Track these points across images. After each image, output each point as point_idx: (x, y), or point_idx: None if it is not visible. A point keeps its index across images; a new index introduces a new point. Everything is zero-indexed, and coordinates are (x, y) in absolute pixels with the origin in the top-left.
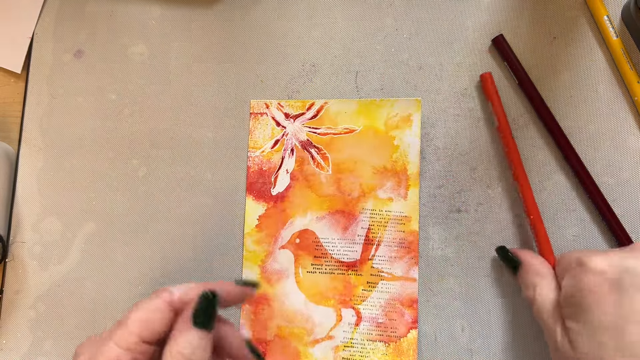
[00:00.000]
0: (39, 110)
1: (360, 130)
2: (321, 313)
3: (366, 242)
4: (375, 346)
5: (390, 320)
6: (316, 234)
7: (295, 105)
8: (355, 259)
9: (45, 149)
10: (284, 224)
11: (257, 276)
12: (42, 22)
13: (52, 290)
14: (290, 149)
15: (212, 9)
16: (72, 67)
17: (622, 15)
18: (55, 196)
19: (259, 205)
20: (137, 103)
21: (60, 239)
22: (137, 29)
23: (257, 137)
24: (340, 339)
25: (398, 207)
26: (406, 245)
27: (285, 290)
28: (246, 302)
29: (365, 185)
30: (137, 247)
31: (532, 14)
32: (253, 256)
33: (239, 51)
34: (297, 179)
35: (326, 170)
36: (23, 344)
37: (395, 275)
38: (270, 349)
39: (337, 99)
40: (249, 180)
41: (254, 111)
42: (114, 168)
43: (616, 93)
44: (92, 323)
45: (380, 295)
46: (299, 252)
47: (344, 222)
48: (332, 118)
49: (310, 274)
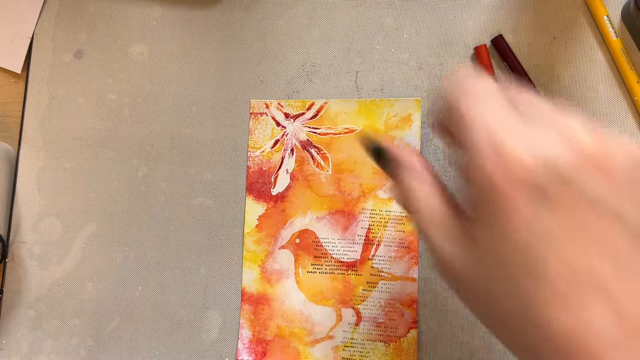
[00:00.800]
0: (39, 110)
1: (360, 130)
2: (321, 313)
3: (366, 242)
4: (375, 346)
5: (390, 320)
6: (316, 234)
7: (295, 105)
8: (355, 259)
9: (45, 149)
10: (284, 224)
11: (257, 276)
12: (42, 23)
13: (52, 290)
14: (290, 149)
15: (212, 9)
16: (72, 67)
17: (622, 15)
18: (55, 196)
19: (258, 205)
20: (137, 103)
21: (60, 239)
22: (137, 29)
23: (257, 137)
24: (340, 339)
25: (398, 207)
26: (406, 245)
27: (285, 290)
28: (245, 303)
29: (365, 185)
30: (137, 247)
31: (532, 14)
32: (253, 256)
33: (239, 51)
34: (297, 179)
35: (326, 170)
36: (23, 344)
37: (395, 275)
38: (270, 349)
39: (337, 99)
40: (249, 180)
41: (254, 111)
42: (114, 168)
43: (616, 93)
44: (92, 323)
45: (380, 295)
46: (299, 252)
47: (344, 222)
48: (332, 118)
49: (310, 274)
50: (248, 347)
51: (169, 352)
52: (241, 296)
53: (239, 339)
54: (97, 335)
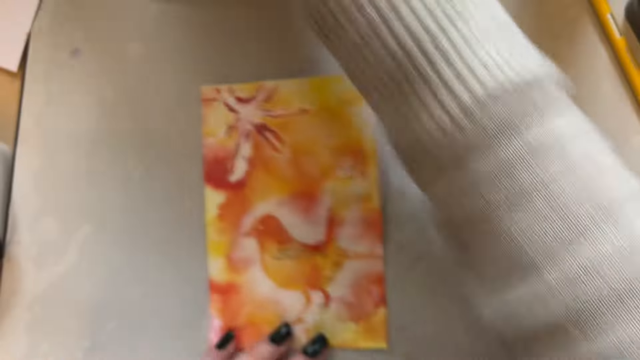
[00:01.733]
0: (36, 109)
1: (315, 110)
2: (290, 297)
3: (329, 223)
4: (345, 325)
5: (358, 298)
6: (279, 219)
7: (247, 89)
8: (319, 241)
9: (42, 148)
10: (246, 212)
11: (223, 265)
12: (39, 20)
13: (49, 291)
14: (245, 134)
15: (210, 7)
16: (69, 65)
17: (625, 13)
18: (51, 196)
19: (218, 193)
20: (134, 102)
21: (56, 240)
22: (134, 28)
23: (210, 123)
24: (310, 322)
25: (358, 185)
26: (369, 223)
27: (253, 277)
28: (214, 292)
29: (324, 165)
30: (134, 247)
31: (533, 13)
32: (217, 246)
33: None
34: (255, 164)
35: (283, 153)
36: (19, 346)
37: (361, 254)
38: (242, 336)
39: (288, 79)
40: (206, 168)
41: (205, 97)
42: (110, 167)
43: (620, 92)
44: (89, 325)
45: (347, 274)
46: (264, 238)
47: (306, 205)
48: (286, 99)
49: (276, 260)
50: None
51: (167, 353)
52: (210, 286)
53: (211, 328)
54: (94, 337)
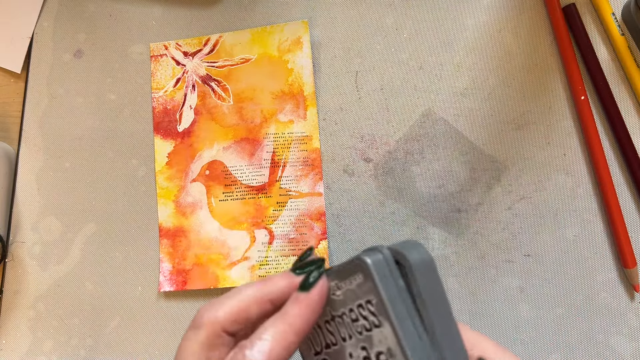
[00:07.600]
0: (39, 110)
1: (256, 59)
2: (235, 237)
3: (272, 165)
4: (289, 261)
5: (301, 234)
6: (224, 164)
7: (192, 43)
8: (263, 182)
9: (45, 148)
10: (193, 158)
11: (172, 211)
12: (42, 22)
13: (52, 290)
14: (191, 85)
15: (212, 9)
16: (72, 67)
17: (622, 15)
18: (55, 196)
19: (167, 143)
20: (136, 103)
21: (59, 239)
22: (137, 29)
23: (159, 78)
24: (255, 259)
25: (299, 128)
26: (310, 163)
27: (200, 220)
28: (163, 237)
29: (266, 111)
30: (137, 247)
31: (533, 13)
32: (166, 192)
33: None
34: (201, 113)
35: (227, 101)
36: (23, 344)
37: (303, 193)
38: (190, 278)
39: (230, 31)
40: (155, 120)
41: (153, 54)
42: (113, 168)
43: (621, 90)
44: (92, 323)
45: (290, 213)
46: (210, 182)
47: (250, 149)
48: (228, 50)
49: (223, 202)
50: (169, 279)
51: (169, 352)
52: (159, 232)
53: (160, 272)
54: (97, 336)
